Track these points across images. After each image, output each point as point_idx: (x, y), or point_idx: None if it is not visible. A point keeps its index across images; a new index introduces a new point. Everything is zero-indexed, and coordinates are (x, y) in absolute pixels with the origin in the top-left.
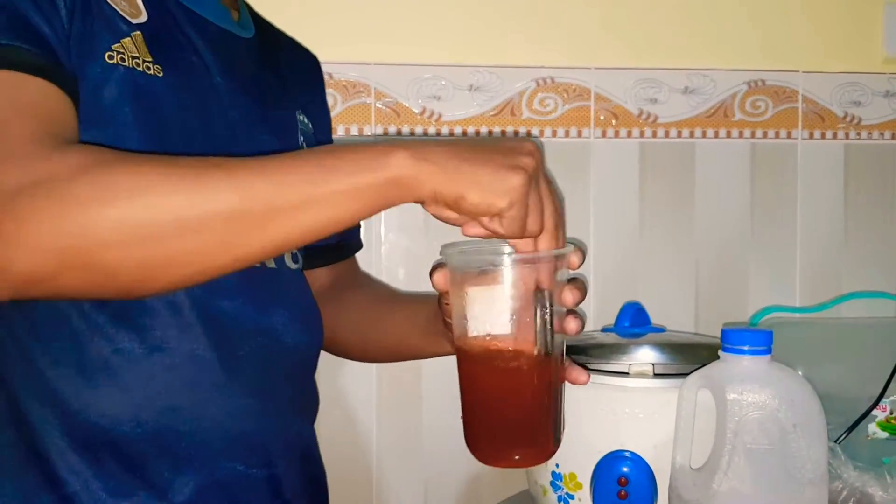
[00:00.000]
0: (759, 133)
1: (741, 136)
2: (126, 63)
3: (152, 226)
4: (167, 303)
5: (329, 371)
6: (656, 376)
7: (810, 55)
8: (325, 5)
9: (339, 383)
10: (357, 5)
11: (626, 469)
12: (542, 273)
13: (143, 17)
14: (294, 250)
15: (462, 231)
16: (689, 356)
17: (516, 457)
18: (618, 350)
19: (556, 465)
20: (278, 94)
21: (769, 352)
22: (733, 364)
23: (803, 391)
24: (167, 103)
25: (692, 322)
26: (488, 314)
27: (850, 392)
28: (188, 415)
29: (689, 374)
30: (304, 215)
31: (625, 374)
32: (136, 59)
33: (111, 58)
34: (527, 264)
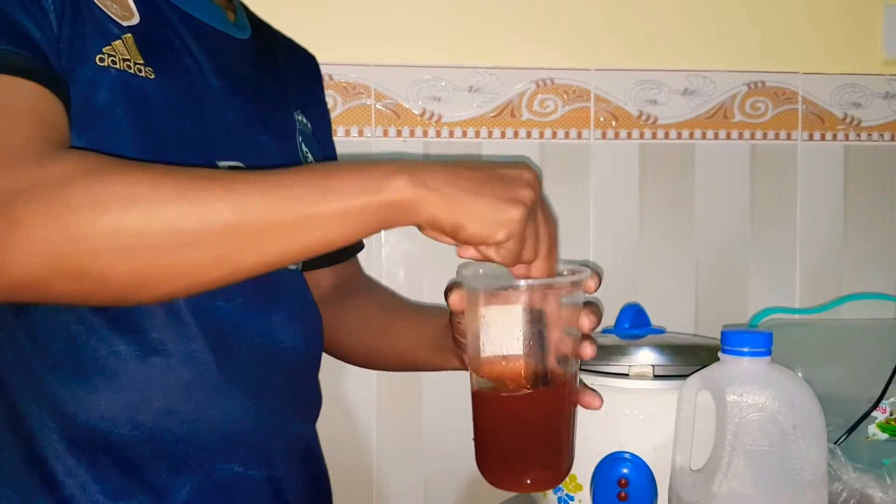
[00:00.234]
0: (759, 134)
1: (741, 137)
2: (117, 66)
3: (145, 236)
4: (164, 305)
5: (329, 372)
6: (656, 378)
7: (810, 57)
8: (325, 7)
9: (339, 384)
10: (357, 7)
11: (626, 470)
12: (558, 298)
13: (135, 20)
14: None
15: (457, 252)
16: (689, 358)
17: (528, 481)
18: (618, 351)
19: None
20: (276, 94)
21: (769, 353)
22: (733, 366)
23: (803, 393)
24: (159, 105)
25: (692, 323)
26: (504, 337)
27: (850, 393)
28: (186, 416)
29: (688, 375)
30: (299, 234)
31: (625, 375)
32: (128, 62)
33: (102, 61)
34: (544, 289)
